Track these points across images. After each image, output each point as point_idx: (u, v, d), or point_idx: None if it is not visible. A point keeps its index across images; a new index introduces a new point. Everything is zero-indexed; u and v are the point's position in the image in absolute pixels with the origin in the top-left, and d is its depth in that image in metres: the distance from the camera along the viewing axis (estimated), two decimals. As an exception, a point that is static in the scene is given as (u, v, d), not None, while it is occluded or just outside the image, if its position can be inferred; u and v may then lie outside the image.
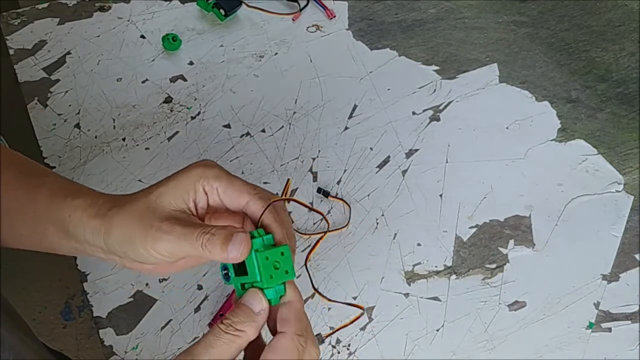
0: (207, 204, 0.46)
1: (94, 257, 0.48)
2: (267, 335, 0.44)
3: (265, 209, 0.44)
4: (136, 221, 0.44)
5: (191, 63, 0.81)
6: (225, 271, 0.45)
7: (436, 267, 0.69)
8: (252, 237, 0.43)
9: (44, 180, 0.49)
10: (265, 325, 0.44)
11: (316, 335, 0.60)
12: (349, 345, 0.64)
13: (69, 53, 0.80)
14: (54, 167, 0.72)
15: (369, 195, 0.73)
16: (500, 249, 0.71)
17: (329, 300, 0.66)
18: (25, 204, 0.47)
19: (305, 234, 0.69)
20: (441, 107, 0.80)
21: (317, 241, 0.69)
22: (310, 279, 0.67)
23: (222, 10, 0.83)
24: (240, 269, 0.44)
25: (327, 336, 0.64)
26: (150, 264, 0.46)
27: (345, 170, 0.74)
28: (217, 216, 0.47)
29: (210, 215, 0.47)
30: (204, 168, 0.45)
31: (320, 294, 0.66)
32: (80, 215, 0.45)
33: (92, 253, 0.47)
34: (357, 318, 0.65)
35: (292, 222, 0.70)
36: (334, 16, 0.86)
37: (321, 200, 0.72)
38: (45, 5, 0.84)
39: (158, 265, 0.47)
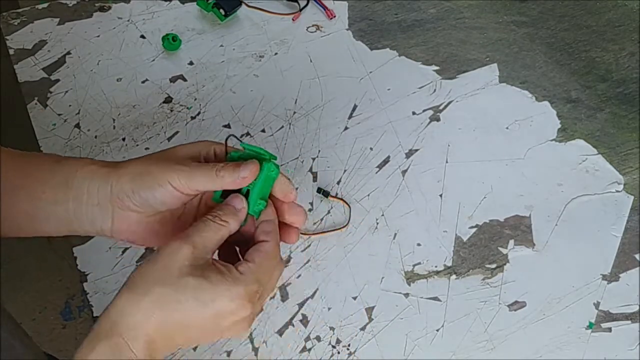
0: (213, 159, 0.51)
1: (80, 230, 0.49)
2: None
3: (226, 139, 0.50)
4: (154, 162, 0.48)
5: (191, 63, 0.81)
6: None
7: (436, 267, 0.69)
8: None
9: (48, 155, 0.52)
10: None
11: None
12: (349, 345, 0.64)
13: (68, 53, 0.80)
14: (54, 167, 0.72)
15: (369, 195, 0.73)
16: (500, 249, 0.71)
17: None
18: (28, 174, 0.49)
19: (305, 233, 0.69)
20: (441, 107, 0.80)
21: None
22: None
23: (222, 10, 0.83)
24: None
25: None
26: (153, 207, 0.48)
27: (345, 170, 0.74)
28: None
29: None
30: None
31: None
32: (89, 168, 0.49)
33: (86, 212, 0.48)
34: None
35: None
36: (334, 16, 0.86)
37: (321, 200, 0.72)
38: (45, 5, 0.84)
39: (149, 234, 0.50)
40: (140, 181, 0.47)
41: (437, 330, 0.66)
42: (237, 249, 0.51)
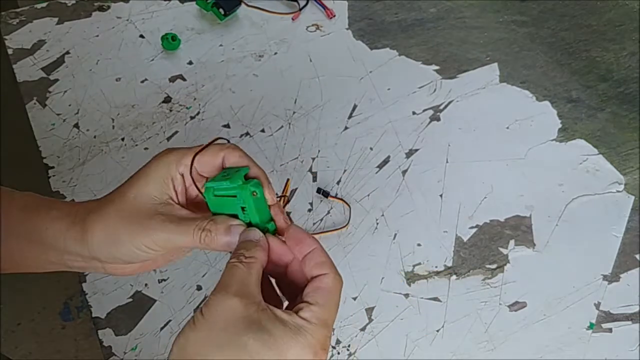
0: (184, 187, 0.46)
1: (72, 269, 0.47)
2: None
3: (212, 142, 0.46)
4: (121, 222, 0.44)
5: (190, 63, 0.81)
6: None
7: (436, 267, 0.69)
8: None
9: (12, 196, 0.48)
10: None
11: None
12: (348, 346, 0.64)
13: (67, 53, 0.80)
14: (53, 167, 0.72)
15: (369, 195, 0.73)
16: (501, 249, 0.71)
17: None
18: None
19: None
20: (441, 107, 0.79)
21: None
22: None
23: (221, 10, 0.82)
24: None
25: None
26: (137, 261, 0.45)
27: (345, 170, 0.74)
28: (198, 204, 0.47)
29: (189, 204, 0.47)
30: (170, 154, 0.46)
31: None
32: (58, 226, 0.45)
33: (70, 264, 0.46)
34: None
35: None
36: (334, 16, 0.85)
37: (321, 201, 0.72)
38: (44, 4, 0.83)
39: (144, 264, 0.47)
40: (113, 249, 0.44)
41: (437, 331, 0.65)
42: (273, 280, 0.46)
